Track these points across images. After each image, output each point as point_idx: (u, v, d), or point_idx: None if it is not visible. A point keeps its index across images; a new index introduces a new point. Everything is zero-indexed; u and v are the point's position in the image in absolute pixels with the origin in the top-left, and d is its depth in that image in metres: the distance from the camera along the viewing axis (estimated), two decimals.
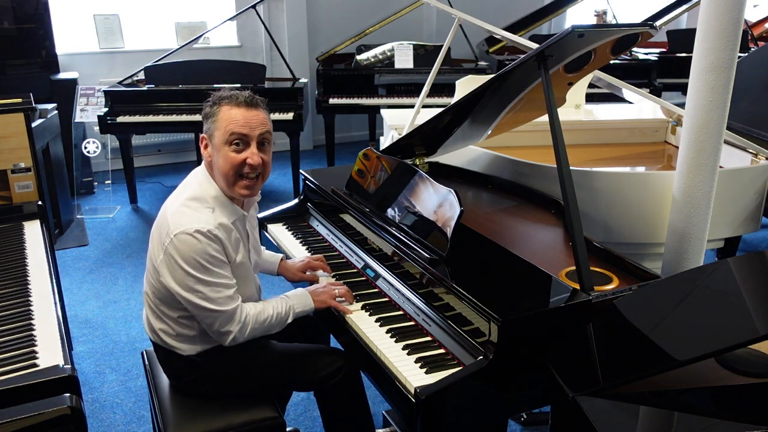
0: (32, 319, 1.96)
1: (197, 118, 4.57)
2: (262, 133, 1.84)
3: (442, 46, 3.72)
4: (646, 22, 3.06)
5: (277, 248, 2.50)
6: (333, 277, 2.22)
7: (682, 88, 5.75)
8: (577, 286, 1.74)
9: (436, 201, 2.00)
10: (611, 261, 1.98)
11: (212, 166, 1.84)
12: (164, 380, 2.01)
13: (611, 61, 3.49)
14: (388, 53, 5.44)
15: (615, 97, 3.75)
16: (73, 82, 5.05)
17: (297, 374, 1.97)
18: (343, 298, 2.01)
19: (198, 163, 2.04)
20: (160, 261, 1.77)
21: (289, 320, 1.94)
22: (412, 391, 1.60)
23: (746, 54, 3.94)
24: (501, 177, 2.70)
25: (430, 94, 4.04)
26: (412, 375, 1.66)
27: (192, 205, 1.78)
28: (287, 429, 2.02)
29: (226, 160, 1.78)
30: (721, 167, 2.19)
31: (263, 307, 1.90)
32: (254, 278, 2.02)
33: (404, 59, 5.36)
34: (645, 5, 7.12)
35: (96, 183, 5.51)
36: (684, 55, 6.05)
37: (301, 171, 2.79)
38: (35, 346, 1.81)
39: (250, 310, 1.86)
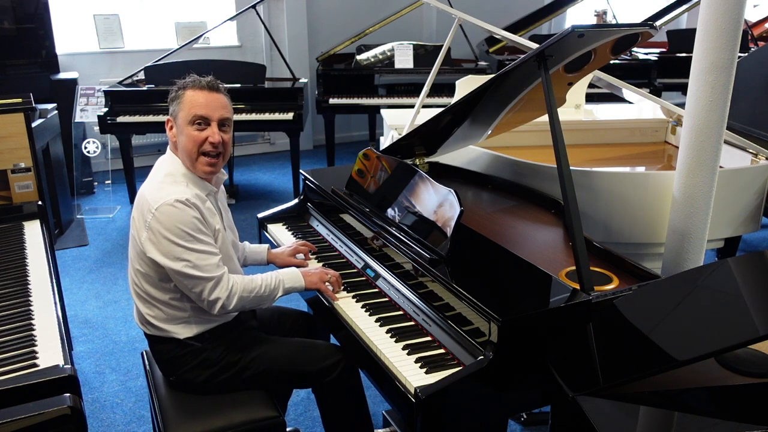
0: (32, 319, 1.97)
1: None
2: (222, 115, 1.91)
3: (442, 46, 3.72)
4: (646, 22, 3.06)
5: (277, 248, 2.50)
6: (324, 265, 2.25)
7: (682, 88, 5.75)
8: (577, 286, 1.74)
9: (436, 201, 2.00)
10: (611, 261, 1.98)
11: (176, 146, 1.93)
12: (164, 379, 2.01)
13: (611, 61, 3.49)
14: (388, 53, 5.44)
15: (615, 97, 3.75)
16: (73, 82, 5.05)
17: (295, 366, 1.98)
18: (332, 286, 2.08)
19: None
20: (145, 239, 1.83)
21: (279, 294, 1.99)
22: (412, 391, 1.60)
23: (746, 54, 3.94)
24: (501, 177, 2.70)
25: (430, 94, 4.04)
26: (412, 375, 1.67)
27: (167, 180, 1.87)
28: (287, 429, 2.02)
29: (189, 138, 1.88)
30: (721, 167, 2.19)
31: (252, 277, 1.96)
32: (237, 262, 2.08)
33: (404, 59, 5.36)
34: (645, 5, 7.13)
35: (96, 183, 5.51)
36: (684, 55, 6.05)
37: (301, 171, 2.79)
38: (35, 346, 1.81)
39: (238, 279, 1.91)
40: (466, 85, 3.48)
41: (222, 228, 1.97)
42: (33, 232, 2.64)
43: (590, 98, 3.89)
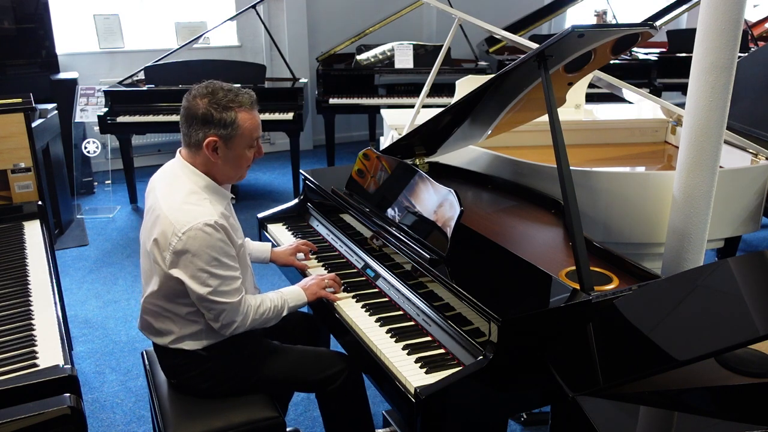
0: (32, 319, 1.96)
1: None
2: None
3: (442, 46, 3.72)
4: (646, 22, 3.06)
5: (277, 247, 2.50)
6: (324, 267, 2.26)
7: (682, 88, 5.75)
8: (577, 286, 1.74)
9: (436, 201, 2.00)
10: (611, 261, 1.98)
11: (209, 164, 1.85)
12: (164, 380, 2.01)
13: (611, 61, 3.49)
14: (388, 53, 5.44)
15: (615, 97, 3.75)
16: (73, 82, 5.05)
17: (299, 374, 1.98)
18: (332, 288, 2.09)
19: None
20: (169, 262, 1.77)
21: (285, 313, 2.01)
22: (412, 391, 1.60)
23: (746, 54, 3.94)
24: (501, 177, 2.70)
25: (430, 94, 4.04)
26: (412, 375, 1.67)
27: (192, 200, 1.81)
28: (287, 429, 2.02)
29: (245, 159, 1.88)
30: (721, 167, 2.19)
31: (262, 299, 1.95)
32: (249, 264, 2.08)
33: (404, 59, 5.35)
34: (645, 5, 7.12)
35: (96, 183, 5.51)
36: (684, 55, 6.05)
37: (301, 171, 2.79)
38: (35, 346, 1.81)
39: (251, 302, 1.91)
40: (466, 85, 3.47)
41: (243, 240, 1.97)
42: (33, 232, 2.64)
43: (590, 98, 3.89)
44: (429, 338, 1.82)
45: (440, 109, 2.30)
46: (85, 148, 4.96)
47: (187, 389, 1.95)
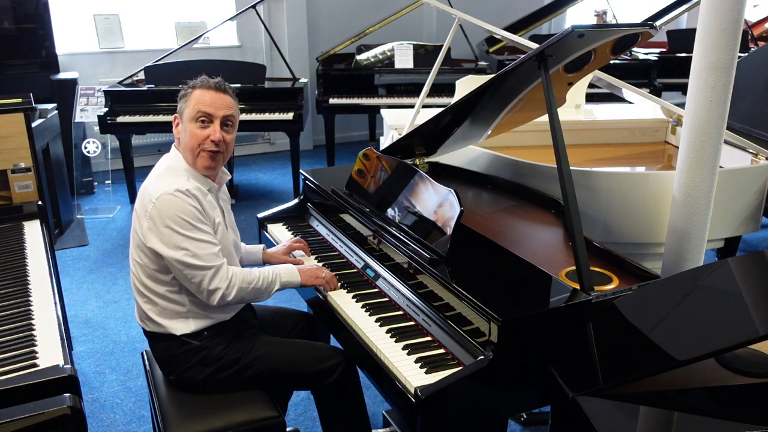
0: (32, 319, 1.96)
1: None
2: (226, 114, 1.96)
3: (442, 46, 3.72)
4: (646, 22, 3.06)
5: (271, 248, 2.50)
6: (324, 265, 2.27)
7: (682, 88, 5.75)
8: (577, 286, 1.74)
9: (436, 201, 2.01)
10: (611, 261, 1.98)
11: (180, 143, 1.99)
12: (164, 379, 2.01)
13: (611, 61, 3.49)
14: (388, 53, 5.44)
15: (615, 97, 3.75)
16: (73, 82, 5.05)
17: (295, 366, 1.98)
18: (327, 285, 2.10)
19: None
20: (146, 228, 1.85)
21: (276, 288, 2.02)
22: (412, 391, 1.60)
23: (746, 54, 3.94)
24: (501, 177, 2.70)
25: (430, 94, 4.04)
26: (412, 375, 1.67)
27: (168, 173, 1.93)
28: (287, 429, 2.03)
29: (191, 135, 1.93)
30: (721, 167, 2.19)
31: (250, 270, 1.98)
32: (237, 260, 2.10)
33: (404, 59, 5.36)
34: (645, 5, 7.12)
35: (96, 183, 5.51)
36: (684, 55, 6.05)
37: (301, 171, 2.79)
38: (35, 346, 1.81)
39: (237, 270, 1.94)
40: (466, 85, 3.48)
41: (223, 222, 1.99)
42: (33, 232, 2.64)
43: (590, 98, 3.89)
44: (429, 338, 1.82)
45: (440, 109, 2.30)
46: (85, 148, 4.96)
47: (185, 384, 1.95)
